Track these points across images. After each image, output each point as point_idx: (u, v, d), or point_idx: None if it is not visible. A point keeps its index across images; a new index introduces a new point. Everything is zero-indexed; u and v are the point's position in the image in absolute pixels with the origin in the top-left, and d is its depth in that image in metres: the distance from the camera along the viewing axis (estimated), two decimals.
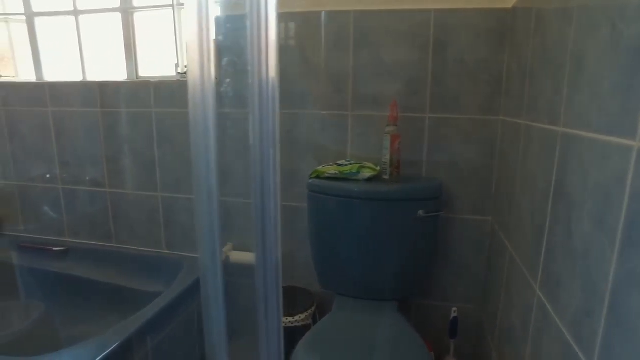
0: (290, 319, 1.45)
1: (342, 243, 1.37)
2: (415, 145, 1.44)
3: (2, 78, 2.06)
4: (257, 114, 0.40)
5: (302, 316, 1.47)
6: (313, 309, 1.52)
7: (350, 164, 1.37)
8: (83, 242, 1.89)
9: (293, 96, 1.49)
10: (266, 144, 0.40)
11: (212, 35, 0.40)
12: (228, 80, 1.53)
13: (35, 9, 1.95)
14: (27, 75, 2.08)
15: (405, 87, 1.41)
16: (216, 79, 1.23)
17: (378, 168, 1.38)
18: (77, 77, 1.93)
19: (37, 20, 1.96)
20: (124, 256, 1.80)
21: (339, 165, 1.38)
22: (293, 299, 1.55)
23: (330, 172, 1.37)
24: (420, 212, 1.30)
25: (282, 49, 1.47)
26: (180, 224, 1.73)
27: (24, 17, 1.97)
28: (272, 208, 0.42)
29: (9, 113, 1.90)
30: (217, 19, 1.55)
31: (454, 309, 1.49)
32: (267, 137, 0.40)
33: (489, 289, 1.41)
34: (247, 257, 1.59)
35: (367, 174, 1.35)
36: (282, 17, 1.46)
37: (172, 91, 1.63)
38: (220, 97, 1.57)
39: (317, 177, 1.39)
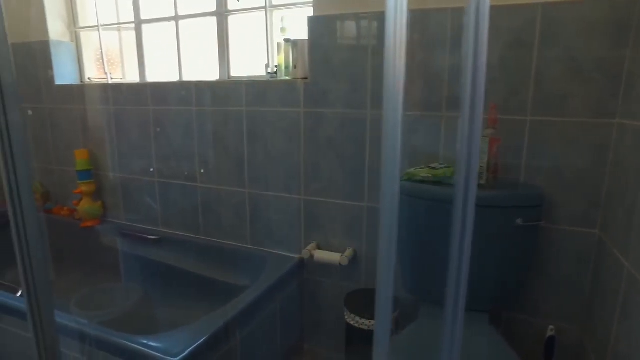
0: (372, 321, 1.43)
1: (432, 249, 1.32)
2: (513, 149, 1.35)
3: (111, 80, 2.26)
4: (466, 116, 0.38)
5: None
6: (396, 313, 1.48)
7: (444, 167, 1.32)
8: (174, 232, 2.02)
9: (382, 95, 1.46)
10: (472, 148, 0.39)
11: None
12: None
13: (143, 17, 2.11)
14: (132, 76, 2.27)
15: (505, 87, 1.32)
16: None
17: None
18: (174, 78, 2.07)
19: (144, 27, 2.13)
20: (211, 248, 1.89)
21: (432, 168, 1.34)
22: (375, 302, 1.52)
23: (422, 174, 1.33)
24: (519, 221, 1.22)
25: (375, 47, 1.45)
26: (266, 220, 1.78)
27: (132, 25, 2.15)
28: (469, 213, 0.41)
29: (117, 111, 2.07)
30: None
31: (551, 327, 1.38)
32: (473, 139, 0.39)
33: (595, 309, 1.28)
34: (331, 257, 1.59)
35: None
36: (365, 15, 1.43)
37: (263, 91, 1.67)
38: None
39: (409, 179, 1.35)
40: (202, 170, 1.85)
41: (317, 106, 1.57)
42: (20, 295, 1.50)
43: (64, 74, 2.31)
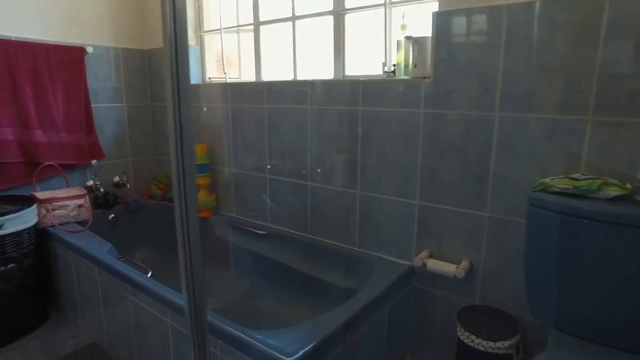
0: (491, 344, 1.31)
1: (568, 270, 1.16)
2: None
3: (228, 79, 2.39)
4: None
5: (505, 344, 1.31)
6: (517, 337, 1.34)
7: (589, 179, 1.15)
8: (282, 229, 2.06)
9: (516, 97, 1.32)
10: None
11: None
12: None
13: (261, 18, 2.19)
14: (248, 76, 2.38)
15: None
16: None
17: (628, 186, 1.13)
18: (289, 77, 2.11)
19: (262, 28, 2.21)
20: (317, 247, 1.89)
21: (573, 179, 1.17)
22: (493, 321, 1.39)
23: (561, 185, 1.17)
24: None
25: (508, 44, 1.32)
26: (375, 223, 1.73)
27: (251, 27, 2.24)
28: None
29: (234, 109, 2.18)
30: None
31: None
32: None
33: None
34: (445, 267, 1.49)
35: (611, 192, 1.11)
36: (523, 8, 1.30)
37: (380, 90, 1.62)
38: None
39: (543, 190, 1.21)
40: (319, 170, 1.85)
41: (438, 107, 1.48)
42: (150, 275, 1.64)
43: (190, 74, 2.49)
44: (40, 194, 2.10)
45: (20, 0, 2.11)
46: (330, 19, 1.90)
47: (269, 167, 2.05)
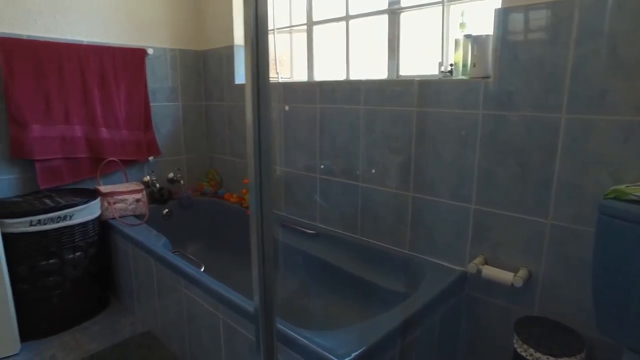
0: (552, 359, 1.24)
1: None
2: None
3: (280, 79, 2.42)
4: None
5: None
6: (582, 355, 1.26)
7: None
8: (331, 229, 2.06)
9: (586, 97, 1.24)
10: None
11: None
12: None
13: (315, 18, 2.20)
14: (300, 76, 2.39)
15: None
16: None
17: None
18: (341, 77, 2.11)
19: (314, 28, 2.22)
20: (367, 249, 1.87)
21: None
22: (553, 334, 1.31)
23: (637, 193, 1.09)
24: None
25: (578, 40, 1.24)
26: (428, 227, 1.68)
27: (304, 27, 2.25)
28: None
29: (285, 109, 2.20)
30: None
31: None
32: None
33: None
34: (502, 275, 1.43)
35: None
36: (597, 0, 1.22)
37: (436, 90, 1.58)
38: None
39: (616, 197, 1.12)
40: (371, 171, 1.83)
41: (499, 108, 1.42)
42: (203, 270, 1.68)
43: (242, 75, 2.55)
44: (103, 188, 2.22)
45: (91, 8, 2.25)
46: (384, 17, 1.88)
47: (322, 167, 2.05)
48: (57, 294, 1.94)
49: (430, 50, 1.76)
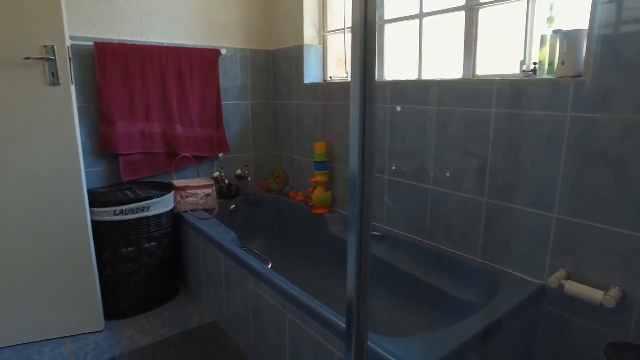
0: None
1: None
2: None
3: (335, 78, 2.40)
4: None
5: None
6: None
7: None
8: (398, 232, 2.01)
9: None
10: None
11: None
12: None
13: (387, 17, 2.16)
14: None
15: None
16: None
17: None
18: (412, 76, 2.05)
19: (386, 27, 2.18)
20: (435, 254, 1.81)
21: None
22: None
23: None
24: None
25: None
26: (502, 234, 1.59)
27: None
28: None
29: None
30: None
31: None
32: None
33: None
34: (590, 293, 1.31)
35: None
36: None
37: (517, 91, 1.48)
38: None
39: None
40: (443, 174, 1.77)
41: (592, 110, 1.30)
42: (270, 267, 1.71)
43: (310, 74, 2.56)
44: (177, 182, 2.33)
45: (172, 13, 2.37)
46: (460, 15, 1.79)
47: (393, 168, 2.00)
48: (134, 280, 2.07)
49: (511, 48, 1.65)
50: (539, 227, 1.47)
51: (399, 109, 1.89)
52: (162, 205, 2.10)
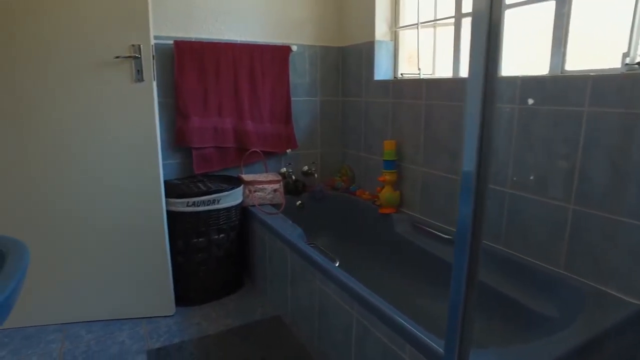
0: None
1: None
2: None
3: (406, 75, 2.32)
4: None
5: None
6: None
7: None
8: None
9: None
10: None
11: None
12: None
13: (464, 10, 2.06)
14: (442, 71, 2.26)
15: None
16: None
17: None
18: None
19: (463, 21, 2.07)
20: (511, 262, 1.69)
21: None
22: None
23: None
24: None
25: None
26: (592, 246, 1.44)
27: (451, 20, 2.12)
28: None
29: (427, 106, 2.10)
30: None
31: None
32: None
33: None
34: None
35: None
36: None
37: (617, 87, 1.34)
38: None
39: None
40: (524, 177, 1.64)
41: None
42: (338, 265, 1.69)
43: (381, 71, 2.51)
44: (246, 177, 2.39)
45: (246, 11, 2.43)
46: (548, 5, 1.65)
47: (459, 168, 1.90)
48: (203, 270, 2.15)
49: (609, 39, 1.50)
50: (638, 241, 1.32)
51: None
52: (232, 198, 2.16)
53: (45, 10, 1.70)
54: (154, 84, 1.86)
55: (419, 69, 2.33)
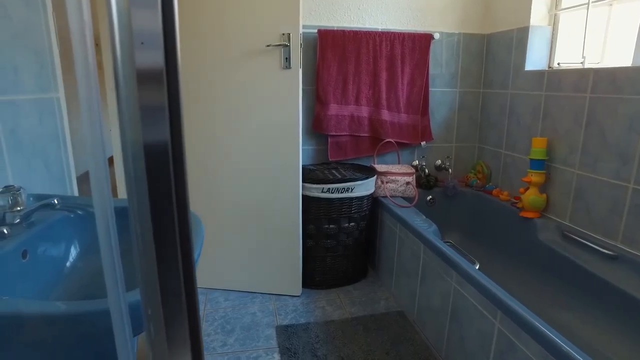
0: None
1: None
2: None
3: (564, 65, 2.03)
4: None
5: None
6: None
7: None
8: (638, 254, 1.63)
9: None
10: None
11: None
12: None
13: None
14: (614, 60, 1.95)
15: None
16: None
17: None
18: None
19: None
20: None
21: None
22: None
23: None
24: None
25: None
26: None
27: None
28: None
29: (591, 100, 1.83)
30: None
31: None
32: None
33: None
34: None
35: None
36: None
37: None
38: None
39: None
40: None
41: None
42: (478, 267, 1.58)
43: (534, 60, 2.26)
44: (379, 167, 2.37)
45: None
46: None
47: (633, 174, 1.63)
48: (330, 255, 2.20)
49: None
50: None
51: None
52: (364, 187, 2.16)
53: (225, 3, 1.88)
54: (300, 71, 1.93)
55: (583, 57, 2.04)
